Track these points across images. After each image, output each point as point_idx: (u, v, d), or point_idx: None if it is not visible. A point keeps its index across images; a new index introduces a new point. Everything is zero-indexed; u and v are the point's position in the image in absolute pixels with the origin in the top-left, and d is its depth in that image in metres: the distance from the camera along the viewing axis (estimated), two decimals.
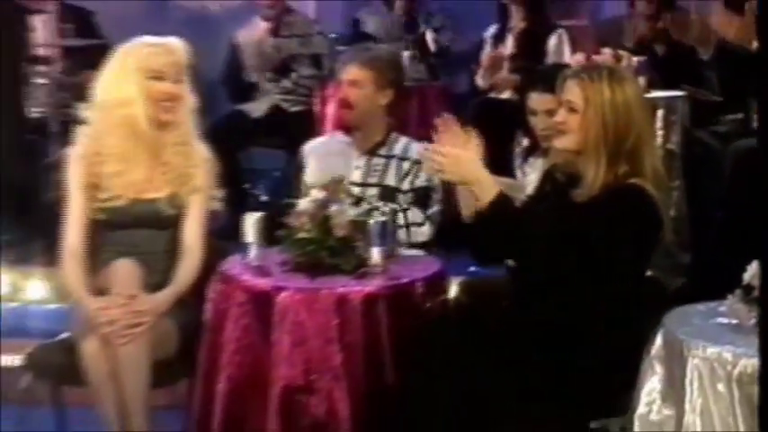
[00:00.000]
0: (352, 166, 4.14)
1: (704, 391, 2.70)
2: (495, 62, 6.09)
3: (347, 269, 3.48)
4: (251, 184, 6.23)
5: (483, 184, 3.23)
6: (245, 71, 6.43)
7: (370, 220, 3.55)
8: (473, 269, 3.95)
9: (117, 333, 3.42)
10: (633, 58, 5.04)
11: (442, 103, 6.22)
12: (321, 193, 3.62)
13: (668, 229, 3.34)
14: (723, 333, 2.81)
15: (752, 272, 2.84)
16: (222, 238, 3.87)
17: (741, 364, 2.65)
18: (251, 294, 3.44)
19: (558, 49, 5.98)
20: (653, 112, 4.66)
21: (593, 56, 5.04)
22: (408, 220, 4.02)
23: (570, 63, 5.10)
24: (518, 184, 4.10)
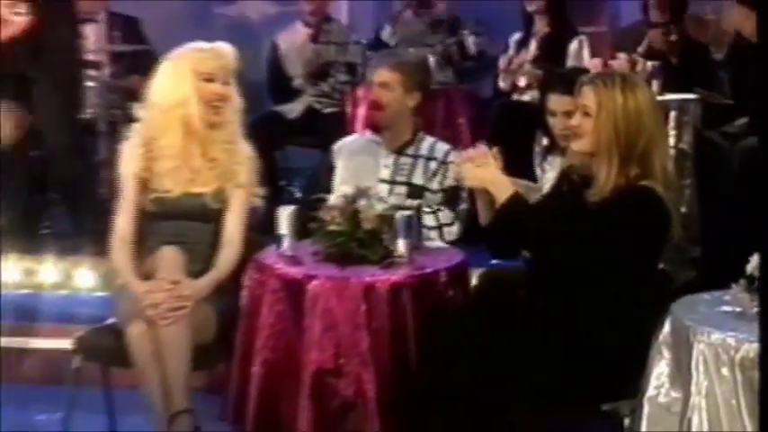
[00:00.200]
0: (381, 164, 4.15)
1: (709, 375, 2.71)
2: (515, 66, 6.10)
3: (374, 259, 3.49)
4: (286, 182, 6.26)
5: (499, 185, 3.31)
6: (284, 72, 6.46)
7: (397, 215, 3.54)
8: (494, 262, 3.95)
9: (160, 315, 3.46)
10: (648, 63, 5.04)
11: (467, 106, 6.23)
12: (350, 189, 3.64)
13: (677, 225, 3.31)
14: (727, 320, 2.82)
15: (754, 263, 2.85)
16: (259, 231, 3.87)
17: (744, 350, 2.67)
18: (284, 282, 3.45)
19: (578, 54, 5.95)
20: (666, 113, 4.66)
21: (609, 61, 5.06)
22: (440, 221, 4.02)
23: (588, 67, 5.12)
24: (536, 187, 4.10)
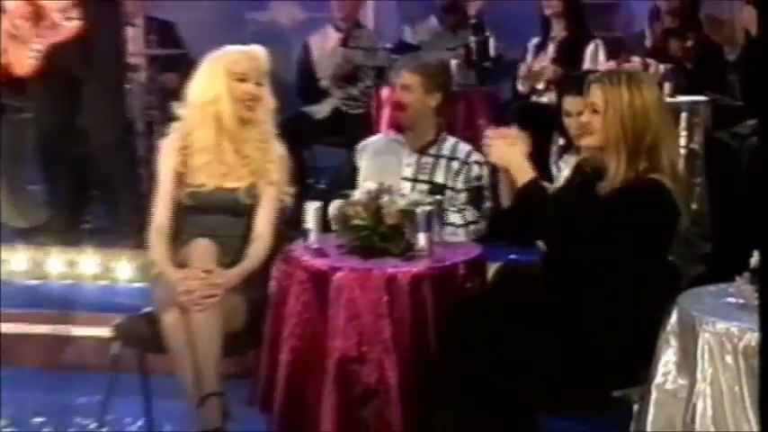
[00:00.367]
0: (404, 163, 4.14)
1: (714, 363, 2.72)
2: (534, 73, 6.10)
3: (396, 252, 3.50)
4: (314, 179, 6.27)
5: (521, 168, 3.36)
6: (314, 74, 6.48)
7: (418, 210, 3.52)
8: (512, 257, 3.96)
9: (193, 301, 3.48)
10: (660, 66, 5.04)
11: (487, 107, 6.23)
12: (374, 186, 3.64)
13: (686, 217, 3.32)
14: (731, 311, 2.83)
15: (757, 257, 2.85)
16: (287, 226, 3.88)
17: (746, 339, 2.68)
18: (310, 274, 3.45)
19: (594, 58, 5.94)
20: (677, 115, 4.66)
21: (623, 64, 5.06)
22: (467, 219, 4.00)
23: (603, 70, 5.13)
24: (551, 187, 4.10)
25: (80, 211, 5.47)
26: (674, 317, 2.90)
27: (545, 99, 5.94)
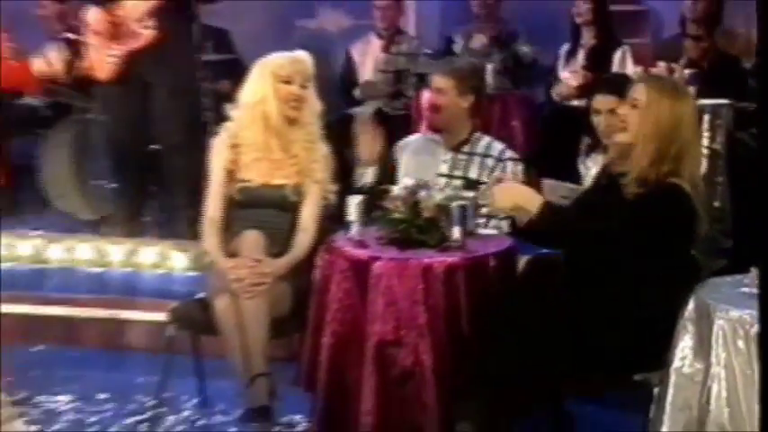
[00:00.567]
0: (440, 160, 4.17)
1: (728, 348, 2.72)
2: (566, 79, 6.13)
3: (432, 244, 3.50)
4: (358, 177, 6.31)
5: (529, 199, 3.33)
6: (356, 79, 6.52)
7: (452, 204, 3.53)
8: (544, 251, 3.97)
9: (243, 288, 3.54)
10: (685, 71, 5.03)
11: (522, 110, 6.21)
12: (411, 182, 3.66)
13: (705, 220, 3.33)
14: (744, 300, 2.82)
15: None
16: (331, 219, 3.92)
17: (758, 325, 2.66)
18: (351, 263, 3.46)
19: (622, 63, 5.91)
20: (700, 116, 4.64)
21: (650, 69, 5.06)
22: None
23: (631, 75, 5.13)
24: (578, 188, 4.07)
25: (141, 205, 5.51)
26: (691, 305, 2.90)
27: (575, 103, 5.93)
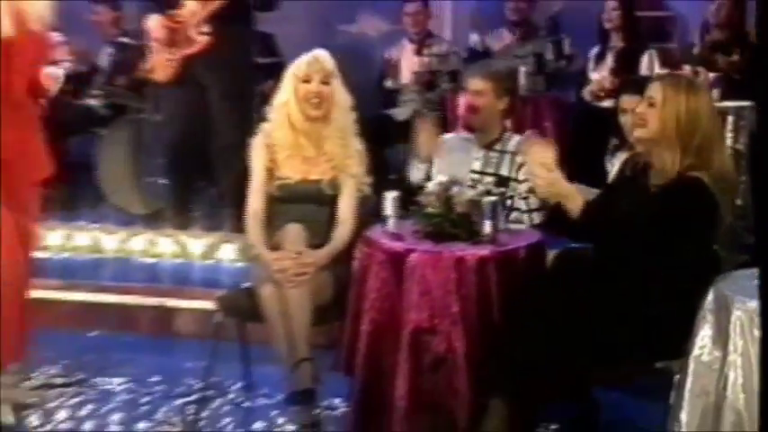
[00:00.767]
0: (473, 157, 4.17)
1: (744, 337, 2.72)
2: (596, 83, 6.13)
3: (464, 237, 3.52)
4: (396, 174, 6.34)
5: (572, 199, 3.36)
6: (392, 81, 6.57)
7: (484, 200, 3.57)
8: (573, 245, 3.98)
9: (287, 279, 3.57)
10: (709, 74, 5.02)
11: (553, 111, 6.21)
12: (446, 178, 3.70)
13: (727, 211, 3.33)
14: None
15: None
16: (370, 215, 3.93)
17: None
18: (388, 255, 3.49)
19: (649, 66, 5.91)
20: (724, 118, 4.64)
21: (676, 71, 5.06)
22: (530, 206, 4.00)
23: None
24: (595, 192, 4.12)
25: (191, 200, 5.57)
26: (710, 296, 2.90)
27: (605, 104, 5.94)
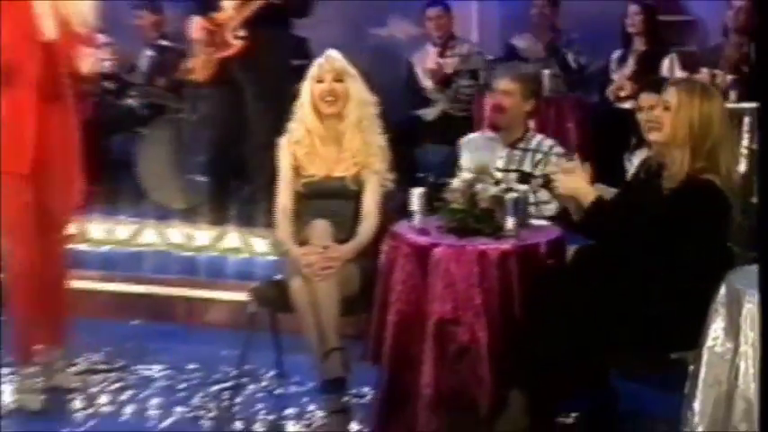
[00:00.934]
0: (498, 156, 4.22)
1: (755, 328, 2.72)
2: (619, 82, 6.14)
3: (487, 232, 3.53)
4: (425, 173, 6.37)
5: (585, 194, 3.41)
6: (417, 84, 6.61)
7: (507, 196, 3.58)
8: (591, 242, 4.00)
9: (314, 272, 3.61)
10: (727, 77, 5.02)
11: (576, 112, 6.21)
12: (470, 175, 3.72)
13: (738, 213, 3.37)
14: None
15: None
16: (397, 212, 3.94)
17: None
18: (414, 248, 3.50)
19: (670, 69, 5.93)
20: (741, 118, 4.64)
21: (695, 74, 5.07)
22: (538, 198, 4.04)
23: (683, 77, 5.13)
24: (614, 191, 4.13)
25: (227, 196, 5.60)
26: (722, 290, 2.90)
27: (627, 105, 5.95)
